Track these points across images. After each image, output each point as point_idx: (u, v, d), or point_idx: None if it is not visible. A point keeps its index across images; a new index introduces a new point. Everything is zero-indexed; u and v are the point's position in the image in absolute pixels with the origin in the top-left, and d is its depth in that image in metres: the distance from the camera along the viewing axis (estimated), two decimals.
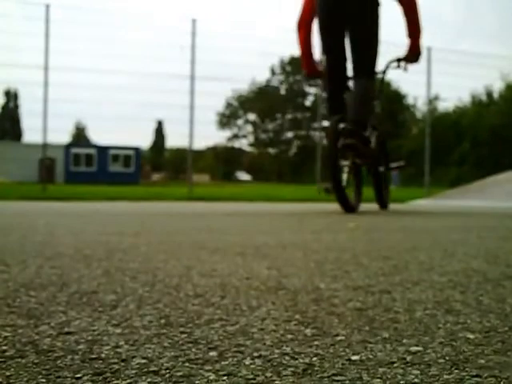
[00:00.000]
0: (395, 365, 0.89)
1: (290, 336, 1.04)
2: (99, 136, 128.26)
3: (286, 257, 2.19)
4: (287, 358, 0.92)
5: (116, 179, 38.04)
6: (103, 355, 0.92)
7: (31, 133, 75.00)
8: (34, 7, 13.32)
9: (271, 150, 71.78)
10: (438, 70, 18.40)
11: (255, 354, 0.93)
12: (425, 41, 5.81)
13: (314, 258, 2.18)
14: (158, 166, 71.30)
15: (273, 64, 69.04)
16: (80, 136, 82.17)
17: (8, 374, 0.84)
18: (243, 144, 74.74)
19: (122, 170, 44.88)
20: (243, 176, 70.07)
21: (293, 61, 67.10)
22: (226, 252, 2.30)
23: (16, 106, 77.18)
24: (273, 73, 70.45)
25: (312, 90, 67.53)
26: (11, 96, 76.46)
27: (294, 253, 2.31)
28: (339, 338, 1.04)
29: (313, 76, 6.40)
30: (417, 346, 0.99)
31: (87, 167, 44.15)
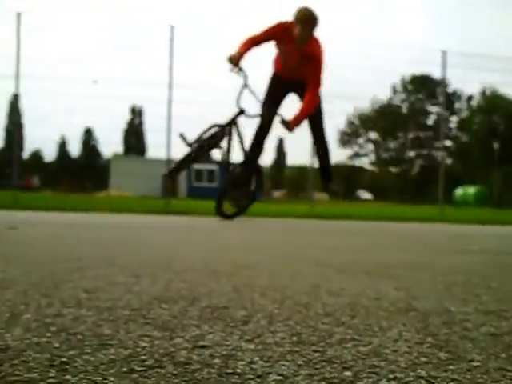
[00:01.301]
0: None
1: (423, 359, 1.03)
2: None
3: (413, 278, 2.16)
4: (423, 381, 0.91)
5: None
6: (239, 370, 0.94)
7: (155, 148, 76.96)
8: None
9: (393, 169, 70.85)
10: None
11: (390, 376, 0.93)
12: None
13: (442, 279, 2.14)
14: (279, 184, 71.68)
15: (394, 82, 68.26)
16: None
17: (150, 382, 0.87)
18: (364, 162, 74.16)
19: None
20: (364, 194, 69.36)
21: (414, 79, 66.19)
22: (352, 271, 2.29)
23: (140, 123, 79.43)
24: (394, 91, 69.63)
25: (434, 109, 66.41)
26: (136, 113, 78.76)
27: (421, 274, 2.28)
28: (475, 363, 1.01)
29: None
30: None
31: (209, 183, 44.81)
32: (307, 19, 6.46)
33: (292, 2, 6.64)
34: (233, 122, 7.00)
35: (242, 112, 7.00)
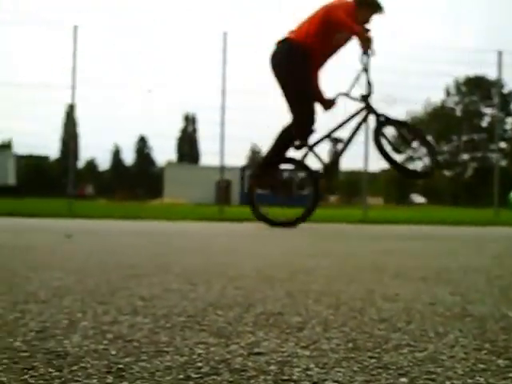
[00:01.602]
0: None
1: (481, 366, 1.02)
2: None
3: (468, 282, 2.13)
4: None
5: (293, 201, 38.24)
6: (295, 377, 0.94)
7: (208, 155, 77.43)
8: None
9: (447, 172, 70.08)
10: None
11: (447, 383, 0.92)
12: None
13: (498, 283, 2.11)
14: (333, 189, 71.44)
15: (448, 85, 67.49)
16: (255, 159, 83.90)
17: None
18: (418, 166, 73.53)
19: (297, 192, 45.20)
20: (418, 199, 68.74)
21: (468, 81, 65.37)
22: (407, 276, 2.27)
23: (194, 130, 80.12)
24: (448, 93, 68.88)
25: (488, 111, 65.49)
26: (190, 120, 79.48)
27: (477, 278, 2.25)
28: None
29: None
30: None
31: (262, 189, 44.86)
32: None
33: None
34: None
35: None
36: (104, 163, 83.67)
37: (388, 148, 6.31)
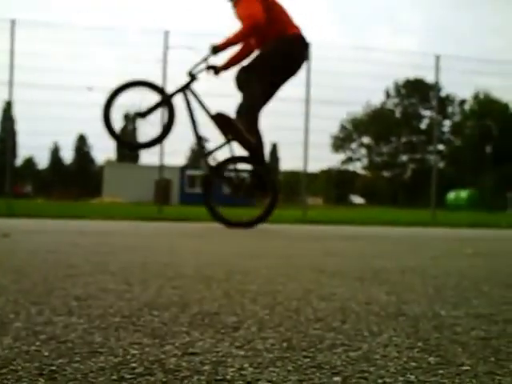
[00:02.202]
0: None
1: (413, 364, 1.03)
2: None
3: (404, 282, 2.16)
4: None
5: (230, 201, 38.33)
6: (228, 377, 0.94)
7: (148, 155, 76.86)
8: (154, 34, 13.79)
9: (386, 173, 71.05)
10: None
11: (379, 381, 0.93)
12: None
13: (433, 283, 2.14)
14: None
15: (387, 87, 68.41)
16: (195, 159, 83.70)
17: None
18: (357, 167, 74.33)
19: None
20: (357, 199, 69.51)
21: (408, 84, 66.38)
22: (344, 276, 2.29)
23: (134, 129, 79.51)
24: (387, 95, 69.83)
25: (427, 113, 66.61)
26: (130, 119, 78.87)
27: (413, 278, 2.28)
28: (464, 367, 1.02)
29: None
30: None
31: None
32: None
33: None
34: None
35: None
36: (43, 161, 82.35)
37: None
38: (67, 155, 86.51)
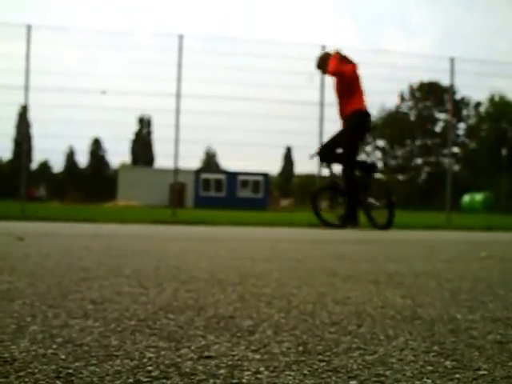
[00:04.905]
0: None
1: (429, 368, 1.03)
2: (228, 162, 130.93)
3: (419, 286, 2.15)
4: None
5: (244, 204, 38.37)
6: (244, 381, 0.94)
7: (163, 158, 76.98)
8: (167, 38, 13.78)
9: (400, 177, 70.79)
10: None
11: None
12: None
13: (448, 287, 2.13)
14: (287, 192, 71.62)
15: (402, 90, 68.19)
16: (210, 162, 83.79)
17: None
18: None
19: (251, 196, 45.30)
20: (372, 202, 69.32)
21: (422, 87, 66.13)
22: (358, 279, 2.29)
23: (149, 133, 79.57)
24: (402, 99, 69.60)
25: (442, 116, 66.34)
26: (145, 123, 78.93)
27: (427, 282, 2.27)
28: (481, 372, 1.01)
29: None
30: None
31: (216, 192, 44.85)
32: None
33: None
34: None
35: None
36: (58, 165, 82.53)
37: None
38: (82, 159, 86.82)
